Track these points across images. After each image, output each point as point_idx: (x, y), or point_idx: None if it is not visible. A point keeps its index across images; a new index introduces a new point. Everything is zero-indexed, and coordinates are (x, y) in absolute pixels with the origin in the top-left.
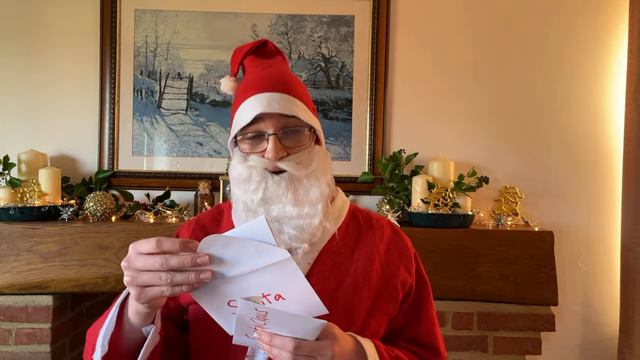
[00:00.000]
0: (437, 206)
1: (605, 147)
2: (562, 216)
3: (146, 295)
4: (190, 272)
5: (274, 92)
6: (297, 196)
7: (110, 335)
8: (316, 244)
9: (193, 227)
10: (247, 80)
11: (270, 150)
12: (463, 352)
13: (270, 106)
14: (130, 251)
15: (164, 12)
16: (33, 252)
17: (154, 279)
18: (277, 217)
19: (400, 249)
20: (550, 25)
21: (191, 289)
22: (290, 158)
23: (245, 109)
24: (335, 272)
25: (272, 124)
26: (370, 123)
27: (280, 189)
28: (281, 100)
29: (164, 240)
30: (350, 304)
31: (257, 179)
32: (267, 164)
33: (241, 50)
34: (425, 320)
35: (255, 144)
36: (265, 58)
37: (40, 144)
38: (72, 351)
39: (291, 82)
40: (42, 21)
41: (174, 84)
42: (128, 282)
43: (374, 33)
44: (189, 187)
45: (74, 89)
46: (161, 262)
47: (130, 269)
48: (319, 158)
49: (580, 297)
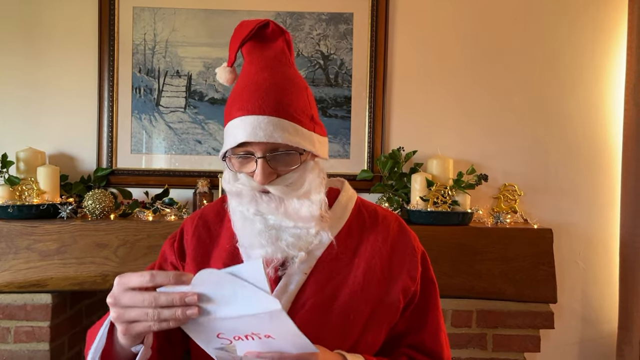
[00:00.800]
0: (436, 204)
1: (604, 145)
2: (561, 214)
3: (133, 330)
4: (177, 308)
5: (260, 116)
6: (289, 213)
7: (102, 352)
8: (314, 251)
9: (196, 223)
10: (239, 87)
11: (258, 175)
12: (462, 350)
13: (255, 134)
14: (116, 288)
15: (162, 9)
16: (32, 250)
17: (141, 315)
18: (274, 226)
19: (406, 251)
20: (549, 21)
21: (178, 325)
22: (279, 181)
23: (231, 131)
24: (332, 281)
25: (259, 148)
26: (369, 121)
27: (270, 207)
28: (268, 127)
29: (157, 274)
30: (346, 317)
31: (247, 199)
32: (256, 187)
33: (238, 36)
34: (430, 326)
35: (244, 163)
36: (266, 43)
37: (39, 141)
38: (71, 349)
39: (283, 95)
40: (40, 19)
41: (173, 81)
42: (115, 318)
43: (373, 31)
44: (188, 185)
45: (73, 87)
46: (150, 301)
47: (116, 305)
48: (311, 177)
49: (579, 295)
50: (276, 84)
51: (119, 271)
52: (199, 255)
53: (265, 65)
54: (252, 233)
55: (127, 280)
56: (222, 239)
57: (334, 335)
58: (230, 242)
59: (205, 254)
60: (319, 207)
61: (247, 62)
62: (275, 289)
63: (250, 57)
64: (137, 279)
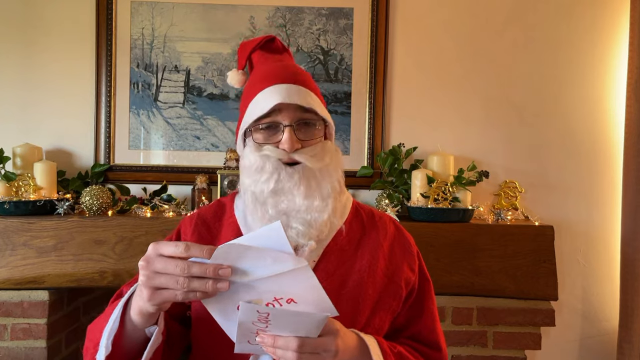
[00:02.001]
0: (437, 201)
1: (605, 141)
2: (562, 211)
3: (159, 297)
4: (208, 280)
5: (291, 84)
6: (309, 189)
7: (114, 336)
8: (322, 240)
9: (195, 222)
10: (260, 72)
11: (286, 142)
12: (463, 347)
13: (290, 97)
14: (150, 251)
15: (160, 3)
16: (28, 246)
17: (171, 282)
18: (286, 211)
19: (404, 247)
20: (550, 18)
21: (204, 297)
22: (305, 150)
23: (262, 100)
24: (340, 269)
25: (288, 115)
26: (370, 117)
27: (292, 181)
28: (299, 92)
29: (192, 245)
30: (355, 301)
31: (270, 170)
32: (282, 155)
33: (249, 45)
34: (427, 318)
35: (269, 135)
36: (273, 54)
37: (36, 137)
38: (68, 347)
39: (305, 76)
40: (37, 12)
41: (171, 77)
42: (143, 282)
43: (373, 26)
44: (186, 181)
45: (70, 82)
46: (183, 268)
47: (147, 269)
48: (331, 153)
49: (580, 292)
50: (296, 68)
51: (117, 268)
52: None
53: (279, 59)
54: (262, 219)
55: (161, 247)
56: (224, 235)
57: (344, 320)
58: (234, 234)
59: None
60: (337, 183)
61: (258, 64)
62: None
63: (261, 61)
64: (171, 248)
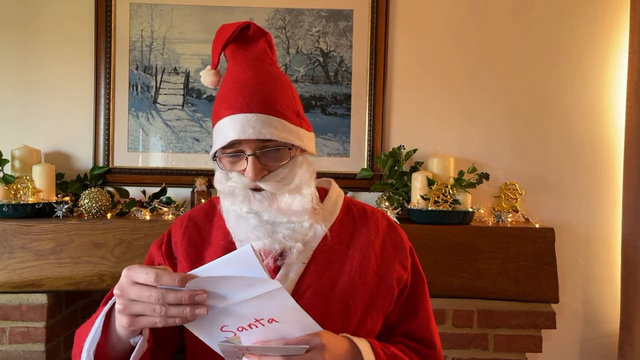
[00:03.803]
0: (437, 203)
1: (606, 143)
2: (562, 213)
3: (138, 324)
4: (185, 306)
5: (248, 114)
6: (282, 208)
7: (96, 345)
8: (310, 242)
9: (186, 224)
10: (225, 87)
11: (250, 172)
12: (463, 350)
13: (245, 131)
14: (123, 279)
15: (159, 5)
16: (27, 249)
17: (148, 310)
18: (269, 221)
19: (396, 243)
20: (550, 20)
21: (184, 322)
22: (270, 177)
23: (220, 130)
24: (330, 270)
25: (249, 145)
26: (369, 119)
27: (263, 205)
28: (256, 124)
29: (162, 274)
30: (346, 303)
31: (240, 196)
32: (248, 184)
33: (220, 39)
34: (422, 315)
35: (235, 162)
36: (248, 45)
37: (34, 139)
38: (66, 350)
39: (269, 92)
40: (36, 14)
41: (170, 79)
42: (120, 310)
43: (373, 28)
44: (186, 183)
45: (69, 84)
46: (157, 297)
47: (123, 297)
48: (301, 172)
49: (580, 295)
50: (261, 82)
51: (116, 271)
52: (192, 254)
53: (249, 65)
54: (247, 228)
55: (134, 274)
56: (215, 237)
57: (335, 322)
58: (224, 238)
59: (198, 253)
60: (310, 200)
61: (230, 63)
62: (275, 278)
63: (234, 58)
64: (143, 276)
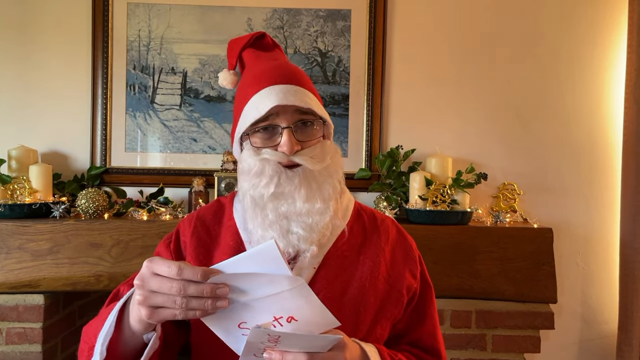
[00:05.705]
0: (435, 203)
1: (604, 143)
2: (561, 213)
3: (158, 316)
4: (207, 299)
5: (287, 84)
6: (310, 191)
7: (109, 341)
8: (323, 245)
9: (194, 224)
10: (254, 72)
11: (285, 144)
12: (461, 351)
13: (287, 98)
14: (144, 270)
15: (157, 5)
16: (24, 250)
17: (168, 302)
18: (286, 214)
19: (406, 251)
20: (548, 19)
21: (204, 315)
22: (305, 152)
23: (257, 102)
24: (341, 276)
25: (285, 117)
26: (367, 119)
27: (292, 185)
28: (296, 93)
29: (185, 268)
30: (356, 309)
31: (269, 173)
32: (281, 158)
33: (238, 43)
34: (428, 324)
35: (267, 138)
36: (265, 51)
37: (31, 139)
38: (63, 351)
39: (301, 75)
40: (33, 14)
41: (168, 79)
42: (140, 301)
43: (371, 28)
44: (183, 183)
45: (66, 84)
46: (179, 289)
47: (143, 288)
48: (331, 153)
49: (579, 295)
50: (292, 67)
51: (113, 272)
52: (201, 254)
53: (272, 57)
54: (262, 224)
55: (155, 266)
56: (224, 238)
57: (345, 328)
58: (234, 238)
59: (207, 254)
60: (339, 185)
61: (251, 63)
62: None
63: (253, 59)
64: (165, 269)
